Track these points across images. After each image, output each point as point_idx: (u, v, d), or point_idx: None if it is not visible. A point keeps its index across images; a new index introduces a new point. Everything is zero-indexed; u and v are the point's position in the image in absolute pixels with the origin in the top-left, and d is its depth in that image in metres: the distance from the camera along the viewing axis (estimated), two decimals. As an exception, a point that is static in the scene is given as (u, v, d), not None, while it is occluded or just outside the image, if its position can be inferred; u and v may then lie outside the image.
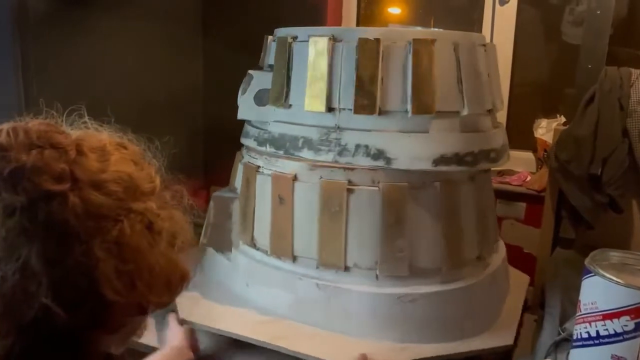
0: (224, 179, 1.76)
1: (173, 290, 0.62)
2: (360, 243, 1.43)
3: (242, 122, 1.66)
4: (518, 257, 2.06)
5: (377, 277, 1.44)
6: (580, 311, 1.16)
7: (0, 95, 1.65)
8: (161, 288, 0.59)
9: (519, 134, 2.26)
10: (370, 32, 1.39)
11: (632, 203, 1.70)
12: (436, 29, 1.80)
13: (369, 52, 1.36)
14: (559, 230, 1.82)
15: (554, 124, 1.97)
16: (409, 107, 1.36)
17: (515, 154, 2.27)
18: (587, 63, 1.69)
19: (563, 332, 1.35)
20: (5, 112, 0.68)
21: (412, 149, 1.39)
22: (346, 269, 1.45)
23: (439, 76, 1.37)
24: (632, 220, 1.70)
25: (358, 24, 2.49)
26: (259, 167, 1.55)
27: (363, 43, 1.36)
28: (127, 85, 2.03)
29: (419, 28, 2.48)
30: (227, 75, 2.39)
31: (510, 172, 2.21)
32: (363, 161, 1.38)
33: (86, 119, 0.64)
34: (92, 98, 0.98)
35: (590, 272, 1.14)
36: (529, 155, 2.21)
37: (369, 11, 2.54)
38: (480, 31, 2.26)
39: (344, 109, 1.39)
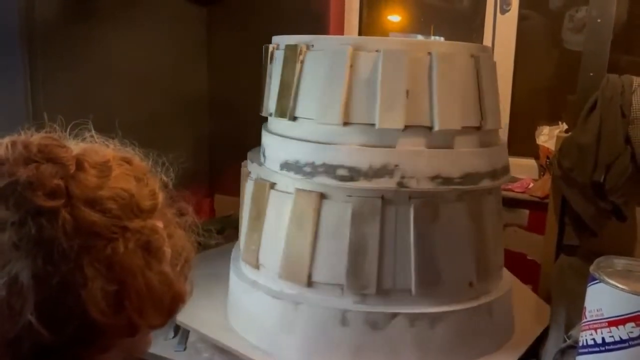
0: (229, 187, 1.77)
1: (165, 312, 0.59)
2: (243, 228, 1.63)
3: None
4: (522, 264, 2.06)
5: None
6: (586, 318, 1.17)
7: (7, 106, 1.66)
8: (152, 310, 0.57)
9: (521, 141, 2.27)
10: (285, 39, 1.49)
11: (635, 210, 1.70)
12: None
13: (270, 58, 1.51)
14: (562, 237, 1.82)
15: (556, 131, 1.97)
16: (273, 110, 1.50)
17: (517, 160, 2.28)
18: (588, 71, 1.70)
19: (569, 339, 1.36)
20: (12, 123, 0.67)
21: (273, 150, 1.48)
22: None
23: (308, 82, 1.39)
24: (635, 228, 1.71)
25: (360, 32, 2.51)
26: None
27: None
28: (132, 95, 2.05)
29: (419, 36, 2.50)
30: (232, 84, 2.42)
31: (513, 179, 2.21)
32: (261, 157, 1.55)
33: (93, 132, 0.63)
34: (98, 108, 0.99)
35: (595, 279, 1.14)
36: (531, 162, 2.21)
37: (370, 19, 2.55)
38: (482, 39, 2.27)
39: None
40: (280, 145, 1.47)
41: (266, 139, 1.53)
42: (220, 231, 2.08)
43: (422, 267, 1.37)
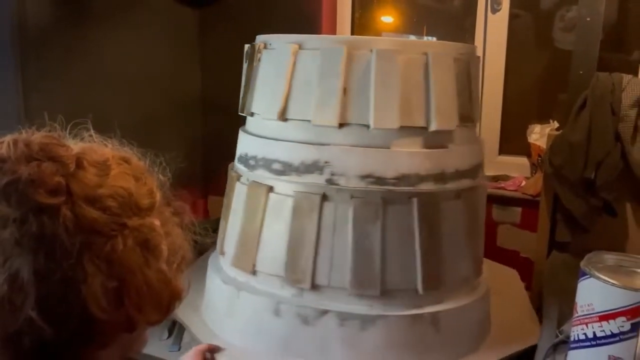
0: (223, 188, 1.77)
1: (163, 309, 0.60)
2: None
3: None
4: (515, 262, 2.08)
5: None
6: (577, 313, 1.18)
7: (1, 108, 1.66)
8: (150, 306, 0.58)
9: (513, 140, 2.29)
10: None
11: (626, 206, 1.72)
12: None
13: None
14: (554, 234, 1.84)
15: (548, 129, 1.99)
16: None
17: (509, 159, 2.30)
18: (578, 69, 1.71)
19: (560, 334, 1.37)
20: (4, 124, 0.68)
21: (238, 145, 1.62)
22: None
23: (260, 79, 1.48)
24: (626, 223, 1.72)
25: (352, 33, 2.52)
26: None
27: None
28: (125, 97, 2.05)
29: (411, 36, 2.51)
30: (225, 85, 2.42)
31: (505, 178, 2.23)
32: None
33: (92, 132, 0.65)
34: (91, 109, 0.99)
35: (585, 274, 1.15)
36: (523, 160, 2.23)
37: (363, 20, 2.56)
38: (473, 39, 2.29)
39: None
40: (239, 140, 1.57)
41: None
42: (215, 231, 2.08)
43: (358, 267, 1.36)
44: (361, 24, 2.55)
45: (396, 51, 1.34)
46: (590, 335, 1.14)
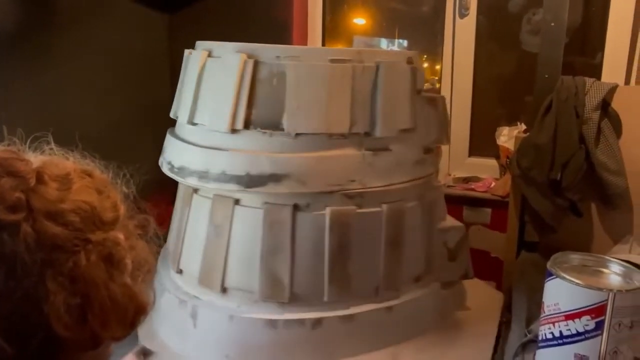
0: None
1: (128, 324, 0.60)
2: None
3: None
4: (485, 262, 2.11)
5: None
6: (544, 312, 1.21)
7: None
8: (115, 322, 0.57)
9: (483, 142, 2.33)
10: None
11: (591, 206, 1.76)
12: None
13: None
14: (523, 235, 1.88)
15: (515, 132, 2.03)
16: None
17: (479, 161, 2.34)
18: (544, 73, 1.75)
19: (529, 333, 1.40)
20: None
21: None
22: None
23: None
24: (592, 223, 1.76)
25: (324, 37, 2.54)
26: None
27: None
28: (95, 106, 2.02)
29: (383, 40, 2.54)
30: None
31: (476, 179, 2.27)
32: None
33: (52, 145, 0.63)
34: (59, 118, 0.98)
35: (552, 275, 1.18)
36: (492, 162, 2.27)
37: (334, 24, 2.58)
38: (442, 43, 2.32)
39: None
40: None
41: None
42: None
43: (185, 252, 1.52)
44: (332, 28, 2.57)
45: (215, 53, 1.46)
46: (557, 334, 1.16)
